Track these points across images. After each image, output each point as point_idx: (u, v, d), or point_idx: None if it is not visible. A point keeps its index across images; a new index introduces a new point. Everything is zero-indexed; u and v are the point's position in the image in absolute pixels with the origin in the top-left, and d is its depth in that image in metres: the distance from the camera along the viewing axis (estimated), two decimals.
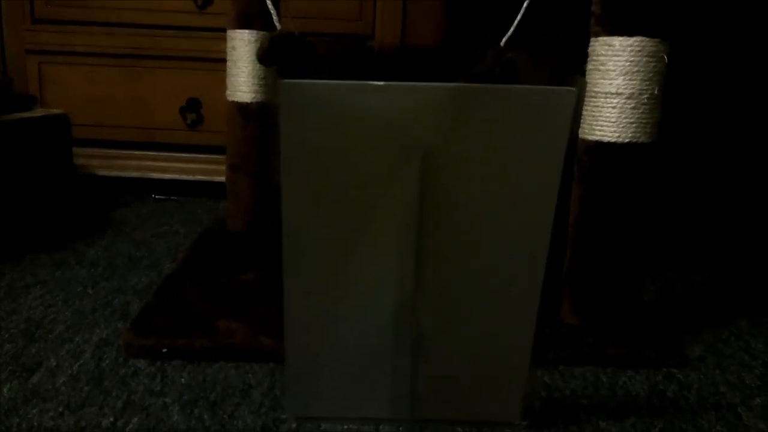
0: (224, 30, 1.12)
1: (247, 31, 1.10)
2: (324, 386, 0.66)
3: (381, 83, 0.53)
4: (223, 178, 1.20)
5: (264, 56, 0.98)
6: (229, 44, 1.12)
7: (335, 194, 0.57)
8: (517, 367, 0.63)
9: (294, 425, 0.66)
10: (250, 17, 1.09)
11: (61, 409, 0.67)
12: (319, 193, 0.57)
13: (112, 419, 0.66)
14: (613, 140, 0.78)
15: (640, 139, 0.78)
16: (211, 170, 1.46)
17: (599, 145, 0.79)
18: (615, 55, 0.77)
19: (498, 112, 0.54)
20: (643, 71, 0.76)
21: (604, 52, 0.78)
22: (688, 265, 1.18)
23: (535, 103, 0.53)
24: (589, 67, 0.80)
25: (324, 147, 0.55)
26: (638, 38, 0.76)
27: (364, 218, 0.58)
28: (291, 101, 0.54)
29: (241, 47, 1.10)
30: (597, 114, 0.79)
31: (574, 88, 0.52)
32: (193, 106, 1.46)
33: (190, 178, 1.49)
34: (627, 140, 0.78)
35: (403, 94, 0.54)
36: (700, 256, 1.24)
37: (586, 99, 0.80)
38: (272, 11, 1.03)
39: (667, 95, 0.79)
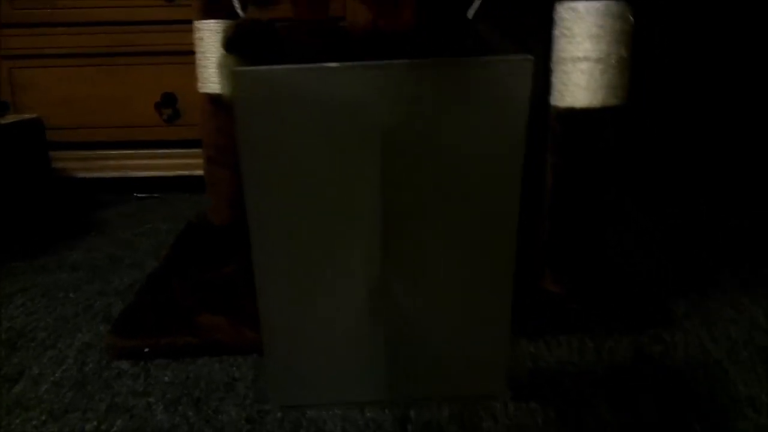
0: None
1: (213, 21, 1.08)
2: (305, 374, 0.65)
3: (335, 64, 0.52)
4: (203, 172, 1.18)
5: (229, 44, 0.97)
6: (197, 35, 1.10)
7: (298, 181, 0.56)
8: (497, 339, 0.63)
9: (279, 415, 0.66)
10: (216, 7, 1.07)
11: (44, 417, 0.67)
12: (282, 181, 0.56)
13: (95, 423, 0.66)
14: (584, 106, 0.77)
15: (611, 103, 0.77)
16: (191, 164, 1.44)
17: (570, 111, 0.78)
18: (580, 19, 0.75)
19: (456, 85, 0.53)
20: (609, 33, 0.75)
21: (569, 17, 0.77)
22: (673, 228, 1.18)
23: (493, 73, 0.52)
24: (556, 33, 0.78)
25: (283, 134, 0.54)
26: (603, 1, 0.74)
27: (329, 203, 0.57)
28: (245, 89, 0.53)
29: (209, 38, 1.08)
30: (566, 80, 0.77)
31: (531, 56, 0.51)
32: (168, 101, 1.44)
33: (171, 173, 1.47)
34: (598, 104, 0.77)
35: (358, 74, 0.53)
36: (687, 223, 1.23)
37: (554, 66, 0.79)
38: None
39: (666, 94, 0.78)
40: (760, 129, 1.43)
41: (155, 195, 1.49)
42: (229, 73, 0.53)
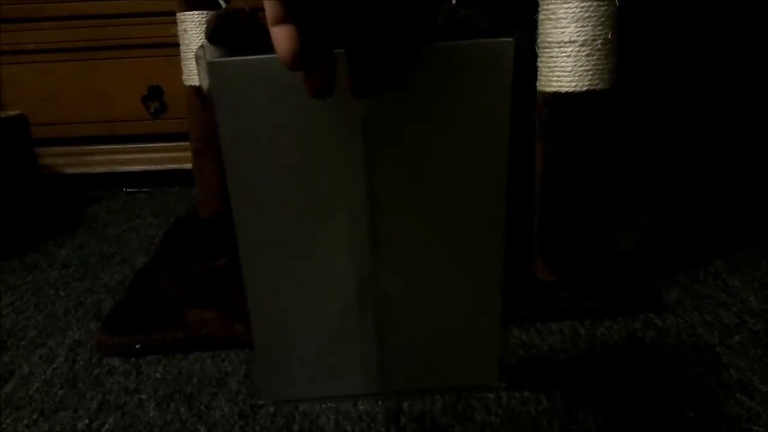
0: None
1: (196, 12, 1.07)
2: (296, 368, 0.65)
3: None
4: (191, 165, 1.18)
5: (212, 36, 0.96)
6: (180, 27, 1.09)
7: (281, 173, 0.55)
8: (488, 328, 0.62)
9: (272, 409, 0.65)
10: None
11: (35, 416, 0.66)
12: (265, 174, 0.55)
13: (87, 421, 0.65)
14: (570, 90, 0.76)
15: (598, 86, 0.76)
16: (180, 158, 1.43)
17: (557, 96, 0.77)
18: (565, 3, 0.75)
19: (436, 70, 0.51)
20: (594, 16, 0.74)
21: (554, 1, 0.76)
22: (663, 212, 1.18)
23: (473, 57, 0.51)
24: (541, 17, 0.78)
25: (263, 125, 0.53)
26: None
27: (313, 194, 0.56)
28: (222, 81, 0.52)
29: (192, 29, 1.07)
30: (552, 65, 0.77)
31: (511, 39, 0.50)
32: (155, 94, 1.43)
33: (160, 167, 1.46)
34: (584, 88, 0.76)
35: (338, 62, 0.52)
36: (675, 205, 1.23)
37: (540, 50, 0.79)
38: None
39: (668, 94, 0.77)
40: (763, 127, 1.43)
41: (144, 189, 1.48)
42: (205, 65, 0.52)
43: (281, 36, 0.44)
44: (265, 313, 0.62)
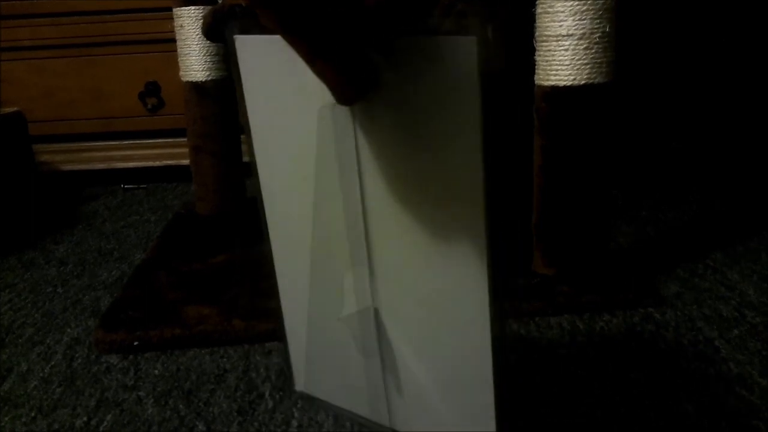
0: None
1: (193, 7, 1.06)
2: (322, 369, 0.64)
3: None
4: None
5: (209, 32, 0.95)
6: (177, 23, 1.08)
7: (298, 163, 0.54)
8: (480, 368, 0.52)
9: (270, 405, 0.65)
10: None
11: (33, 414, 0.66)
12: (288, 151, 0.54)
13: (85, 419, 0.65)
14: (568, 83, 0.76)
15: (596, 80, 0.76)
16: (178, 154, 1.43)
17: (555, 89, 0.77)
18: None
19: (406, 65, 0.49)
20: (592, 9, 0.74)
21: None
22: (662, 206, 1.18)
23: (439, 53, 0.48)
24: (538, 10, 0.77)
25: (285, 101, 0.52)
26: None
27: (322, 182, 0.55)
28: (247, 57, 0.51)
29: (189, 25, 1.07)
30: (550, 58, 0.77)
31: (474, 36, 0.47)
32: (152, 90, 1.42)
33: (158, 164, 1.46)
34: (583, 82, 0.76)
35: None
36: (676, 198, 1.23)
37: (538, 44, 0.78)
38: None
39: (666, 87, 0.77)
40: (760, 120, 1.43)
41: (142, 186, 1.48)
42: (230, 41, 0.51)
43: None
44: (291, 309, 0.61)
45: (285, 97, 0.52)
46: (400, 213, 0.51)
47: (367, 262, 0.54)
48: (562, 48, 0.75)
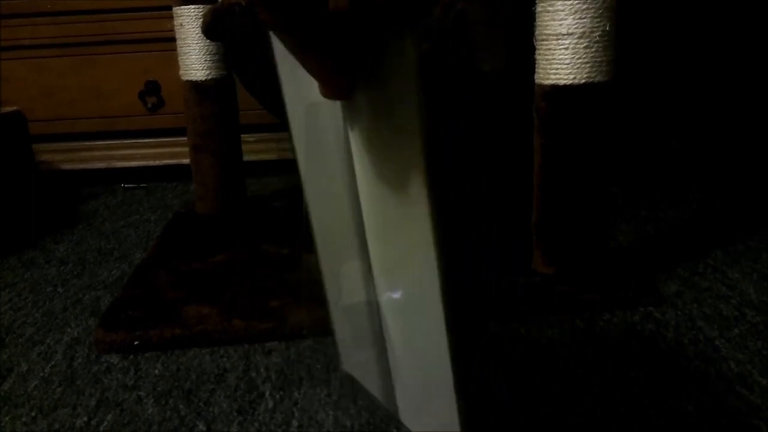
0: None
1: (193, 6, 1.06)
2: (354, 354, 0.65)
3: None
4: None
5: (208, 31, 0.95)
6: (177, 22, 1.09)
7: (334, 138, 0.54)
8: (443, 375, 0.50)
9: (270, 405, 0.65)
10: None
11: (33, 414, 0.66)
12: (325, 135, 0.55)
13: (85, 419, 0.65)
14: (568, 82, 0.76)
15: (596, 79, 0.76)
16: (178, 153, 1.43)
17: (555, 88, 0.77)
18: None
19: (378, 64, 0.47)
20: (592, 8, 0.74)
21: None
22: (662, 204, 1.18)
23: (390, 53, 0.44)
24: (538, 9, 0.77)
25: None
26: None
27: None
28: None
29: (189, 24, 1.07)
30: (550, 57, 0.76)
31: (411, 43, 0.45)
32: (152, 89, 1.42)
33: (158, 163, 1.46)
34: (583, 81, 0.76)
35: None
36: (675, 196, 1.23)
37: (538, 43, 0.78)
38: None
39: (666, 86, 0.76)
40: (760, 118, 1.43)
41: (142, 185, 1.48)
42: None
43: None
44: (336, 282, 0.61)
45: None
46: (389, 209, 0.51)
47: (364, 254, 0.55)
48: (562, 47, 0.75)
